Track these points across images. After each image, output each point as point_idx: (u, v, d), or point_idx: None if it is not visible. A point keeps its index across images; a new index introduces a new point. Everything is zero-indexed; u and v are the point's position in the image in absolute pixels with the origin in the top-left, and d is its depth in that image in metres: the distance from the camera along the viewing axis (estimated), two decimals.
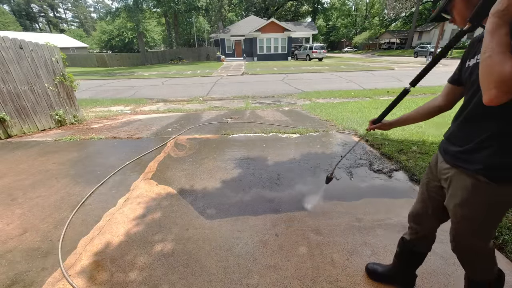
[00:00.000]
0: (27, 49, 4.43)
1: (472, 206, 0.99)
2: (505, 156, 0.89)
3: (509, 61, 0.73)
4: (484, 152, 0.93)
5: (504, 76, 0.73)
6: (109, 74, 19.24)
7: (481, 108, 0.88)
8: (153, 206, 2.33)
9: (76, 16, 79.67)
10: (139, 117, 5.94)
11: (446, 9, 1.04)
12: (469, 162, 0.97)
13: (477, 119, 0.95)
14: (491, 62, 0.76)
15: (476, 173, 0.95)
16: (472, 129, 0.97)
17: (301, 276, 1.57)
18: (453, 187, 1.04)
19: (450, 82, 1.15)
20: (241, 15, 48.80)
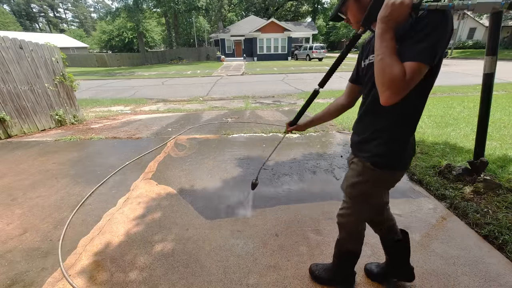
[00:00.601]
0: (27, 49, 4.43)
1: (358, 187, 1.14)
2: (389, 146, 1.03)
3: (397, 64, 0.80)
4: (375, 142, 1.05)
5: (394, 78, 0.80)
6: (109, 74, 19.24)
7: (374, 104, 0.99)
8: (153, 206, 2.33)
9: (76, 16, 79.66)
10: (139, 117, 5.94)
11: (341, 11, 1.08)
12: (363, 150, 1.10)
13: (371, 114, 1.07)
14: (383, 65, 0.82)
15: (365, 159, 1.08)
16: (368, 122, 1.09)
17: (301, 276, 1.57)
18: (349, 170, 1.21)
19: (350, 82, 1.25)
20: (241, 15, 48.79)
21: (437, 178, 2.59)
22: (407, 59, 0.81)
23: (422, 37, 0.81)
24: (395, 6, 0.79)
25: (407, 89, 0.82)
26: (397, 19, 0.81)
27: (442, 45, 0.82)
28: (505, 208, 2.07)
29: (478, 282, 1.50)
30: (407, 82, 0.80)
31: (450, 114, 4.97)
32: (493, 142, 3.41)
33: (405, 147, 1.04)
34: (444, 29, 0.80)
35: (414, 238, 1.86)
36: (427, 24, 0.80)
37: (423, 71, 0.82)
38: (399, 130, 1.01)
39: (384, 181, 1.11)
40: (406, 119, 0.99)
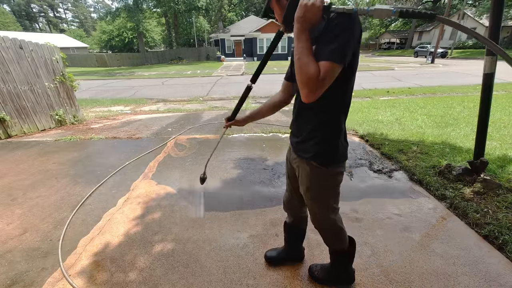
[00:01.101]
0: (27, 49, 4.43)
1: (314, 188, 1.17)
2: (327, 143, 1.07)
3: (312, 64, 0.84)
4: (311, 141, 1.09)
5: (309, 77, 0.84)
6: (109, 74, 19.24)
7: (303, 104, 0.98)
8: (153, 206, 2.33)
9: (76, 16, 79.68)
10: (139, 117, 5.94)
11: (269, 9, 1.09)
12: (304, 151, 1.13)
13: (303, 113, 1.11)
14: (301, 64, 0.86)
15: (310, 160, 1.11)
16: (302, 122, 1.12)
17: (301, 276, 1.57)
18: (300, 175, 1.21)
19: (286, 80, 1.27)
20: (241, 15, 48.79)
21: (437, 178, 2.59)
22: (321, 59, 0.85)
23: (332, 38, 0.85)
24: (308, 7, 0.83)
25: (322, 87, 0.86)
26: (311, 20, 0.85)
27: (351, 45, 0.87)
28: (505, 208, 2.07)
29: (478, 282, 1.50)
30: (321, 81, 0.84)
31: (450, 114, 4.97)
32: (493, 142, 3.41)
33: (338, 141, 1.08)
34: (351, 31, 0.85)
35: (414, 238, 1.87)
36: (336, 26, 0.85)
37: (336, 70, 0.86)
38: (329, 128, 1.06)
39: (333, 176, 1.14)
40: (333, 117, 1.04)
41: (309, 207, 1.27)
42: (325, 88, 0.87)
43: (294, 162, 1.26)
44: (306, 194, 1.22)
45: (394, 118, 4.84)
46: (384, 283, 1.51)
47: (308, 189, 1.19)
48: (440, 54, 23.81)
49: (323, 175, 1.13)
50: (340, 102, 1.02)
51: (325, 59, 0.84)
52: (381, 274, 1.57)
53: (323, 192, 1.19)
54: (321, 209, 1.23)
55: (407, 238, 1.86)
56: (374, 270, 1.60)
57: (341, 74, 0.89)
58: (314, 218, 1.28)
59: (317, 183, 1.16)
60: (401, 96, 7.62)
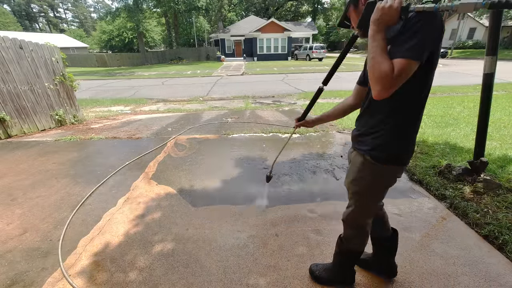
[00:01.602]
0: (27, 49, 4.43)
1: (359, 182, 1.16)
2: (390, 140, 1.05)
3: (386, 62, 0.87)
4: (373, 135, 1.09)
5: (383, 74, 0.87)
6: (109, 74, 19.24)
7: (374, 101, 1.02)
8: (153, 206, 2.33)
9: (76, 16, 79.67)
10: (139, 117, 5.94)
11: (347, 17, 1.16)
12: (362, 144, 1.14)
13: (371, 110, 1.11)
14: (374, 63, 0.89)
15: (365, 153, 1.11)
16: (367, 118, 1.13)
17: (301, 276, 1.57)
18: (350, 166, 1.23)
19: (358, 84, 1.28)
20: (241, 15, 48.78)
21: (437, 178, 2.59)
22: (396, 56, 0.87)
23: (410, 35, 0.86)
24: (385, 9, 0.86)
25: (395, 84, 0.88)
26: (387, 22, 0.88)
27: (431, 42, 0.87)
28: (505, 208, 2.07)
29: (478, 282, 1.50)
30: (395, 78, 0.86)
31: (450, 114, 4.97)
32: (493, 142, 3.41)
33: (404, 143, 1.07)
34: (431, 26, 0.86)
35: (414, 238, 1.86)
36: (415, 24, 0.86)
37: (413, 67, 0.87)
38: (398, 126, 1.04)
39: (383, 176, 1.12)
40: (404, 116, 1.03)
41: (350, 201, 1.25)
42: (399, 85, 0.88)
43: (350, 156, 1.25)
44: (350, 186, 1.21)
45: None
46: (384, 283, 1.51)
47: (353, 181, 1.18)
48: (440, 54, 23.79)
49: (375, 172, 1.11)
50: (414, 100, 1.01)
51: (401, 56, 0.86)
52: (379, 272, 1.57)
53: (367, 189, 1.16)
54: (359, 207, 1.22)
55: (407, 238, 1.86)
56: (374, 270, 1.59)
57: (418, 71, 0.89)
58: (348, 212, 1.27)
59: (365, 178, 1.14)
60: None
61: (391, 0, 0.86)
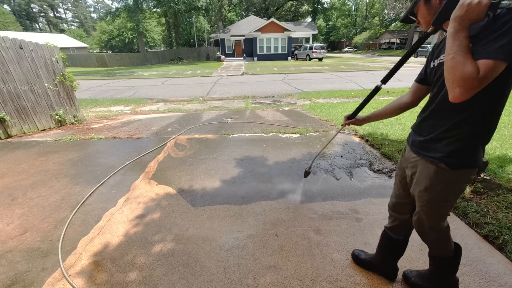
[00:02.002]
0: (27, 49, 4.43)
1: (434, 190, 1.09)
2: (461, 145, 1.00)
3: (469, 62, 0.81)
4: (444, 141, 1.03)
5: (465, 76, 0.81)
6: (109, 74, 19.24)
7: (444, 103, 0.98)
8: (153, 206, 2.33)
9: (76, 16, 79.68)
10: (139, 117, 5.94)
11: (413, 12, 1.11)
12: (431, 150, 1.07)
13: (440, 113, 1.05)
14: (454, 63, 0.83)
15: (438, 161, 1.05)
16: (436, 122, 1.06)
17: (301, 276, 1.57)
18: (418, 174, 1.15)
19: (418, 82, 1.24)
20: (241, 15, 48.79)
21: None
22: (482, 57, 0.81)
23: (500, 35, 0.80)
24: (472, 6, 0.78)
25: (479, 86, 0.82)
26: (473, 19, 0.80)
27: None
28: (505, 208, 2.07)
29: (478, 282, 1.50)
30: (480, 80, 0.80)
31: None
32: (493, 142, 3.41)
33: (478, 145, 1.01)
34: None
35: (414, 238, 1.86)
36: (505, 22, 0.79)
37: (499, 68, 0.81)
38: (473, 129, 0.98)
39: (459, 181, 1.07)
40: (480, 118, 0.97)
41: (422, 209, 1.18)
42: (482, 87, 0.83)
43: (410, 161, 1.19)
44: (423, 195, 1.13)
45: (394, 118, 4.83)
46: (384, 283, 1.51)
47: (427, 190, 1.11)
48: None
49: (450, 178, 1.05)
50: (495, 101, 0.94)
51: (487, 57, 0.80)
52: (381, 273, 1.57)
53: (443, 196, 1.10)
54: (435, 214, 1.16)
55: None
56: (374, 270, 1.59)
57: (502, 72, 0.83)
58: (422, 221, 1.21)
59: (440, 185, 1.08)
60: None
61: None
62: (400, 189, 1.33)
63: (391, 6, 38.47)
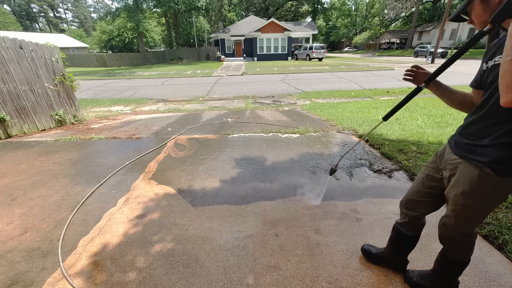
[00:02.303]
0: (27, 49, 4.43)
1: (474, 195, 1.05)
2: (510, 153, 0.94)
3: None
4: (494, 147, 0.97)
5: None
6: (109, 74, 19.24)
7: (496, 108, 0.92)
8: (153, 206, 2.33)
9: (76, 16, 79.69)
10: (139, 117, 5.94)
11: (466, 11, 1.08)
12: (478, 154, 1.02)
13: (491, 118, 0.98)
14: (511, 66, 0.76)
15: (484, 165, 0.99)
16: (486, 126, 1.00)
17: (301, 276, 1.57)
18: (458, 177, 1.09)
19: (474, 87, 1.15)
20: (241, 15, 48.79)
21: None
22: None
23: None
24: None
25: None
26: None
27: None
28: (505, 208, 2.07)
29: (478, 282, 1.50)
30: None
31: (450, 114, 4.97)
32: None
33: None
34: None
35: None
36: None
37: None
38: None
39: (502, 189, 1.02)
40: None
41: (454, 212, 1.14)
42: None
43: (450, 163, 1.14)
44: (459, 199, 1.09)
45: (394, 118, 4.83)
46: (384, 283, 1.51)
47: (464, 194, 1.07)
48: (440, 54, 23.81)
49: (493, 184, 1.00)
50: None
51: None
52: (381, 274, 1.57)
53: (483, 202, 1.06)
54: (468, 220, 1.13)
55: None
56: (374, 270, 1.60)
57: None
58: (449, 225, 1.18)
59: (481, 191, 1.03)
60: (401, 96, 7.61)
61: None
62: (421, 186, 1.31)
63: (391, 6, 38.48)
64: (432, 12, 39.75)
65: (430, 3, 40.96)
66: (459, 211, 1.12)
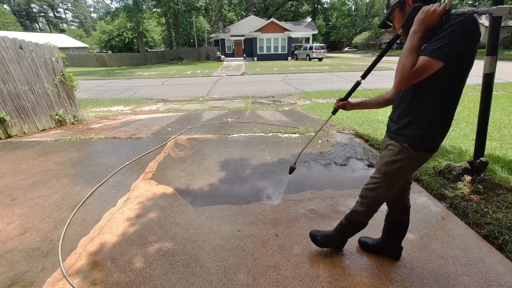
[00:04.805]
0: (27, 49, 4.43)
1: (393, 163, 1.29)
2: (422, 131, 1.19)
3: (411, 57, 1.02)
4: (410, 127, 1.22)
5: (403, 66, 1.03)
6: (109, 74, 19.24)
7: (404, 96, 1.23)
8: (153, 206, 2.33)
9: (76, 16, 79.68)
10: (139, 117, 5.94)
11: (389, 19, 1.30)
12: (400, 134, 1.26)
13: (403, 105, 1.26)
14: (402, 56, 1.04)
15: (403, 141, 1.25)
16: (402, 112, 1.26)
17: (301, 276, 1.57)
18: (385, 151, 1.35)
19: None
20: (241, 15, 48.79)
21: (437, 178, 2.59)
22: (422, 54, 1.01)
23: (440, 38, 0.99)
24: (429, 12, 0.99)
25: (412, 78, 1.02)
26: (428, 23, 1.00)
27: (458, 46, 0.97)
28: (505, 208, 2.07)
29: (478, 282, 1.50)
30: (413, 72, 1.01)
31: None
32: (493, 142, 3.41)
33: (435, 132, 1.20)
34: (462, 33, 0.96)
35: (414, 238, 1.86)
36: (447, 28, 0.98)
37: (434, 65, 0.99)
38: (431, 118, 1.17)
39: (415, 160, 1.26)
40: (436, 110, 1.15)
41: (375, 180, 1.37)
42: (417, 78, 1.02)
43: (384, 144, 1.38)
44: (381, 168, 1.34)
45: None
46: (384, 283, 1.51)
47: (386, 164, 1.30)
48: None
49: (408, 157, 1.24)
50: (445, 96, 1.12)
51: (426, 54, 1.00)
52: (381, 274, 1.57)
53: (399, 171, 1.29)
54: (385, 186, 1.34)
55: (407, 238, 1.85)
56: (374, 270, 1.60)
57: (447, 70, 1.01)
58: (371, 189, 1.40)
59: (400, 161, 1.26)
60: None
61: (436, 5, 0.98)
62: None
63: None
64: None
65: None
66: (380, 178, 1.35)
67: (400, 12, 1.22)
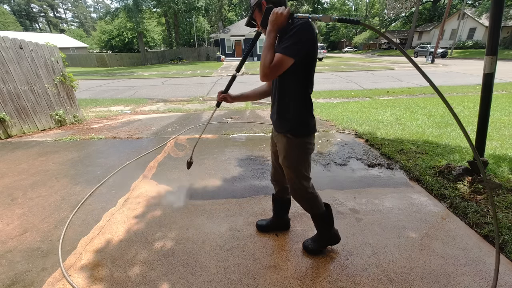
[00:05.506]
0: (27, 49, 4.43)
1: (289, 157, 1.42)
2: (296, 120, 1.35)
3: (270, 54, 1.16)
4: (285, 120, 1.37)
5: (264, 64, 1.17)
6: (109, 74, 19.24)
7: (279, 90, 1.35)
8: (153, 206, 2.33)
9: (76, 16, 79.70)
10: (139, 117, 5.94)
11: (253, 18, 1.39)
12: (282, 127, 1.41)
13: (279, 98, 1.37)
14: (262, 54, 1.18)
15: (286, 132, 1.39)
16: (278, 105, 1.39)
17: (301, 276, 1.57)
18: (279, 147, 1.48)
19: None
20: (241, 15, 48.78)
21: (437, 178, 2.59)
22: (276, 52, 1.17)
23: (288, 37, 1.15)
24: (278, 14, 1.14)
25: (272, 72, 1.17)
26: (279, 24, 1.15)
27: (302, 44, 1.15)
28: (505, 208, 2.07)
29: (478, 282, 1.50)
30: (272, 68, 1.16)
31: (450, 114, 4.97)
32: (493, 142, 3.41)
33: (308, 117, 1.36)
34: (304, 33, 1.15)
35: (414, 238, 1.87)
36: (293, 29, 1.14)
37: (286, 61, 1.15)
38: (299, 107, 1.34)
39: (304, 145, 1.39)
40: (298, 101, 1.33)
41: (287, 176, 1.50)
42: (276, 73, 1.18)
43: (275, 139, 1.53)
44: (283, 163, 1.46)
45: (394, 118, 4.84)
46: (384, 283, 1.51)
47: (285, 158, 1.43)
48: (440, 54, 23.84)
49: (297, 145, 1.38)
50: (299, 89, 1.31)
51: (279, 52, 1.15)
52: (381, 274, 1.57)
53: (296, 159, 1.42)
54: (296, 176, 1.45)
55: (407, 238, 1.86)
56: (374, 270, 1.60)
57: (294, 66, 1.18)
58: (290, 185, 1.52)
59: (291, 150, 1.40)
60: (401, 96, 7.62)
61: (283, 8, 1.14)
62: (273, 162, 1.69)
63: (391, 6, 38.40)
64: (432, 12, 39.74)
65: (430, 3, 40.95)
66: (287, 172, 1.47)
67: (259, 12, 1.32)
